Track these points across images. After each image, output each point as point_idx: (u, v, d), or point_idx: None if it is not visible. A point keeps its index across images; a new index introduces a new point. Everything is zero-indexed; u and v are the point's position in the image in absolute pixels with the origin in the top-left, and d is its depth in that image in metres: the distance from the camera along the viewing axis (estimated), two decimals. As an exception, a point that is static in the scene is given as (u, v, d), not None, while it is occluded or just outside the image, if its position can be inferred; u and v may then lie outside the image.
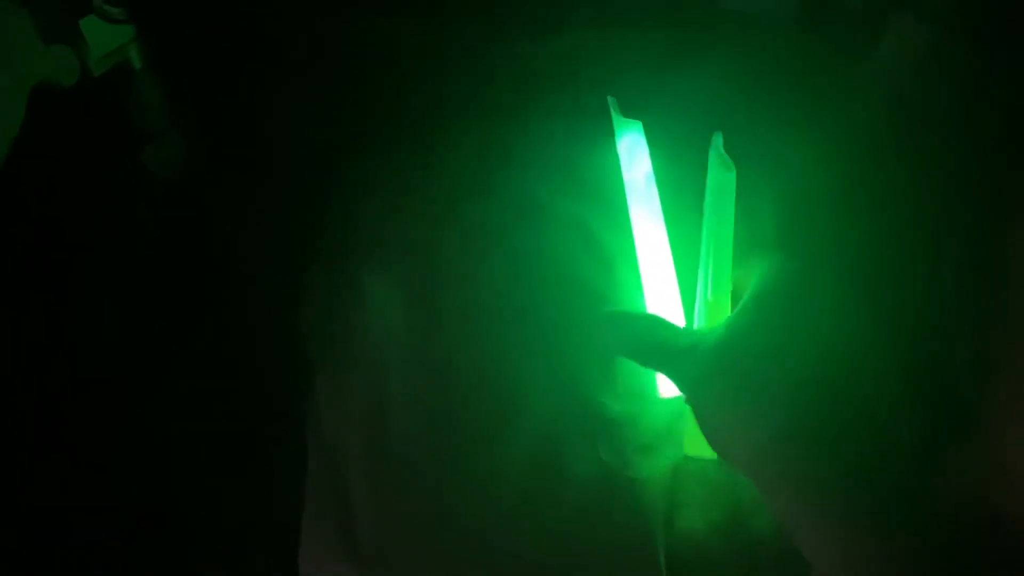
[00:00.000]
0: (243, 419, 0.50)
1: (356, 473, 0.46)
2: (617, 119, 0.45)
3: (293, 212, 0.51)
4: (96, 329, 0.49)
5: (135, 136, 0.46)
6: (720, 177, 0.39)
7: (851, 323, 0.38)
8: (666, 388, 0.43)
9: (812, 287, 0.38)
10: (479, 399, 0.44)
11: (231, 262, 0.52)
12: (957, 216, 0.52)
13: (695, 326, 0.42)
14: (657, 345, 0.39)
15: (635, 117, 0.45)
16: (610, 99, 0.45)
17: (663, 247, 0.43)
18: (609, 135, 0.45)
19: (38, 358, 0.49)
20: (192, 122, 0.48)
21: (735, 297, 0.42)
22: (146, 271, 0.49)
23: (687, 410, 0.42)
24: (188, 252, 0.50)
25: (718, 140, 0.40)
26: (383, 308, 0.48)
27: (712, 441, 0.36)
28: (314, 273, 0.50)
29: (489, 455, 0.44)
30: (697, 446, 0.42)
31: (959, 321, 0.52)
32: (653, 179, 0.44)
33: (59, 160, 0.44)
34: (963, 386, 0.52)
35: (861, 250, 0.52)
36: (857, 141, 0.55)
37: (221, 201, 0.50)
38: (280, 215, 0.52)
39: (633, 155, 0.44)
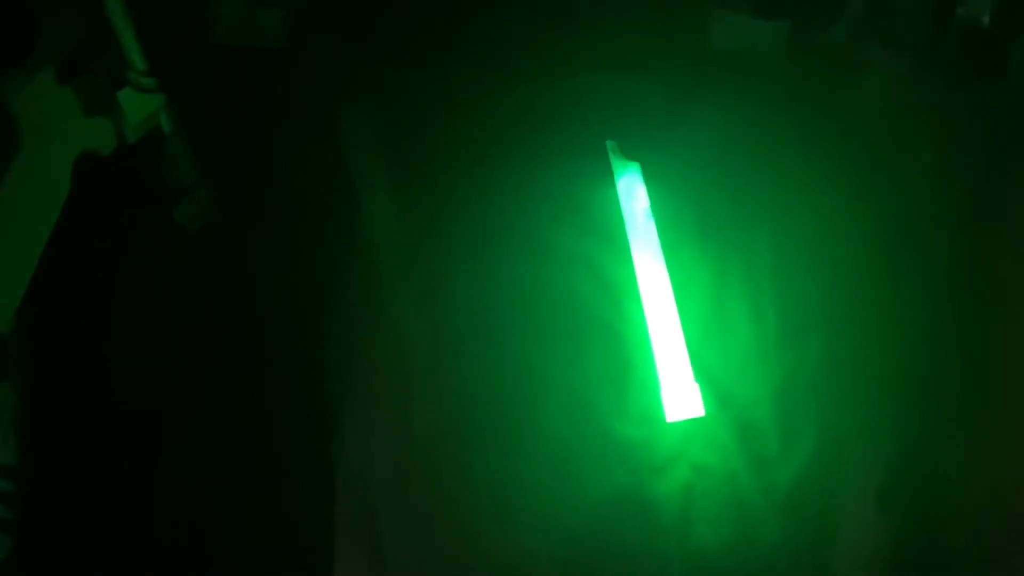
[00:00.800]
0: (272, 456, 0.53)
1: (384, 506, 0.48)
2: (616, 161, 0.48)
3: (315, 256, 0.54)
4: (135, 368, 0.52)
5: (167, 193, 0.49)
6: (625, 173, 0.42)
7: None
8: (673, 412, 0.46)
9: None
10: (499, 429, 0.47)
11: (258, 304, 0.55)
12: (943, 229, 0.54)
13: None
14: None
15: (634, 157, 0.48)
16: (609, 143, 0.48)
17: (662, 276, 0.46)
18: (610, 175, 0.48)
19: (84, 395, 0.52)
20: (217, 178, 0.51)
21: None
22: (180, 314, 0.52)
23: (693, 432, 0.45)
24: (218, 296, 0.53)
25: (612, 145, 0.43)
26: (405, 345, 0.51)
27: None
28: (337, 313, 0.53)
29: (506, 478, 0.46)
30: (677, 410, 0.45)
31: (950, 327, 0.55)
32: (651, 215, 0.47)
33: (102, 221, 0.47)
34: (956, 394, 0.54)
35: (854, 282, 0.55)
36: (845, 176, 0.57)
37: (247, 248, 0.53)
38: (303, 259, 0.55)
39: (632, 194, 0.47)
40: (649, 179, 0.47)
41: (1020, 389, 0.51)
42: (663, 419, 0.46)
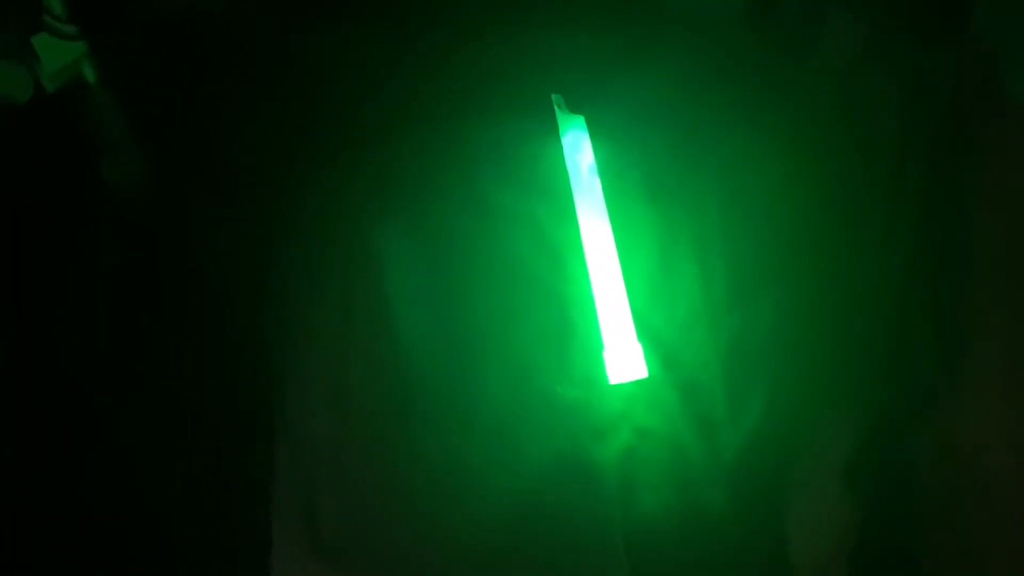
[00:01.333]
0: (211, 422, 0.51)
1: (319, 467, 0.47)
2: (561, 115, 0.46)
3: (253, 219, 0.53)
4: (59, 342, 0.50)
5: (93, 150, 0.47)
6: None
7: None
8: (616, 374, 0.44)
9: None
10: (437, 391, 0.46)
11: (193, 271, 0.54)
12: (904, 204, 0.53)
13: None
14: None
15: (580, 112, 0.47)
16: (554, 97, 0.47)
17: (607, 235, 0.44)
18: (555, 130, 0.46)
19: (5, 371, 0.50)
20: (149, 135, 0.49)
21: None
22: (108, 283, 0.50)
23: (636, 395, 0.43)
24: (149, 263, 0.51)
25: (558, 99, 0.44)
26: (341, 307, 0.49)
27: None
28: (274, 277, 0.51)
29: (447, 445, 0.45)
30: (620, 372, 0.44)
31: (915, 303, 0.53)
32: (596, 171, 0.46)
33: (15, 176, 0.45)
34: (925, 367, 0.53)
35: (810, 245, 0.54)
36: (802, 136, 0.56)
37: (180, 212, 0.52)
38: (238, 227, 0.53)
39: (577, 149, 0.46)
40: (595, 134, 0.46)
41: (990, 358, 0.50)
42: (606, 381, 0.45)
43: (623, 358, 0.44)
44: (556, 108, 0.46)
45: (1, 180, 0.44)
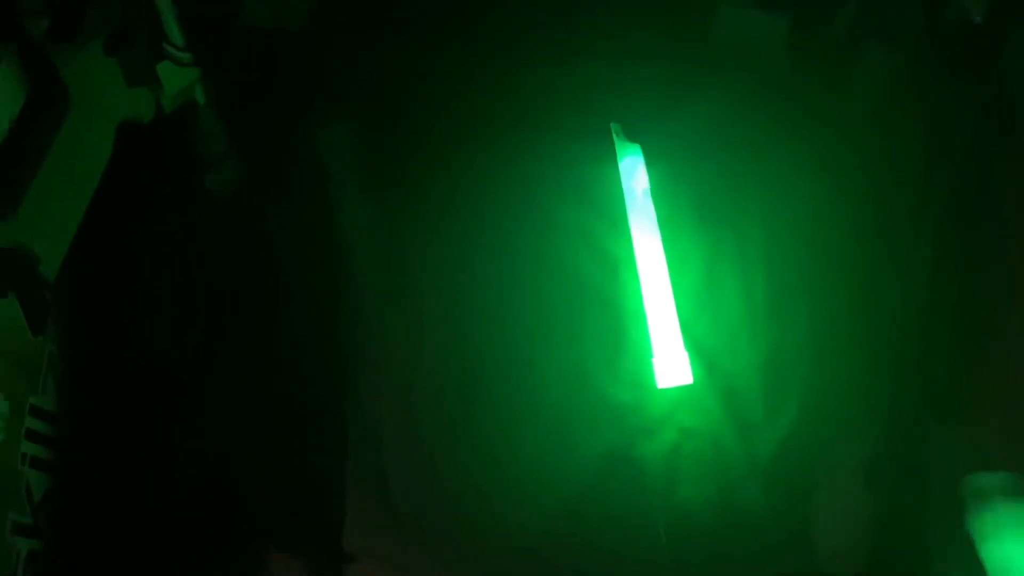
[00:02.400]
0: (287, 421, 0.56)
1: (391, 446, 0.52)
2: (619, 143, 0.51)
3: (333, 226, 0.58)
4: (167, 325, 0.55)
5: (200, 161, 0.52)
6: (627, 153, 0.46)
7: None
8: (663, 379, 0.49)
9: None
10: (498, 390, 0.51)
11: (277, 269, 0.59)
12: (929, 223, 0.57)
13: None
14: None
15: (636, 140, 0.51)
16: (613, 125, 0.51)
17: (658, 251, 0.49)
18: (613, 157, 0.51)
19: (117, 346, 0.55)
20: (246, 150, 0.55)
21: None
22: (208, 277, 0.56)
23: (681, 398, 0.48)
24: (244, 259, 0.57)
25: (616, 128, 0.48)
26: (413, 305, 0.54)
27: None
28: (351, 281, 0.56)
29: (507, 434, 0.50)
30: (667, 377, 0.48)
31: (937, 314, 0.57)
32: (650, 194, 0.50)
33: (140, 184, 0.51)
34: (947, 373, 0.56)
35: (842, 260, 0.58)
36: (837, 159, 0.60)
37: (270, 216, 0.57)
38: (321, 228, 0.58)
39: (632, 174, 0.50)
40: (650, 161, 0.50)
41: (1007, 370, 0.53)
42: (654, 385, 0.49)
43: (670, 365, 0.49)
44: (615, 136, 0.51)
45: (125, 187, 0.49)
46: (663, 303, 0.50)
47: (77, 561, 0.51)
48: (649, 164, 0.50)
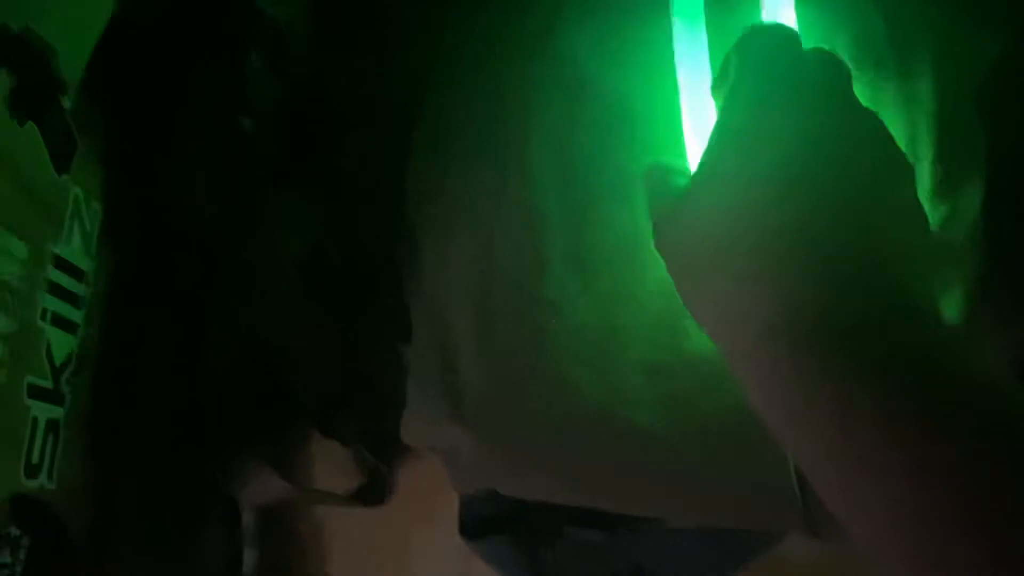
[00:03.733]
0: (344, 285, 0.50)
1: (462, 335, 0.44)
2: None
3: (404, 68, 0.49)
4: (202, 180, 0.48)
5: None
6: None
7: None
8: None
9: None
10: (598, 262, 0.42)
11: (340, 120, 0.51)
12: None
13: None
14: (654, 190, 0.38)
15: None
16: None
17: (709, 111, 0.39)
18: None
19: (147, 208, 0.49)
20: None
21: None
22: (255, 127, 0.48)
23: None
24: (298, 105, 0.49)
25: None
26: (493, 172, 0.45)
27: (680, 284, 0.35)
28: (423, 132, 0.48)
29: (606, 324, 0.42)
30: None
31: None
32: (705, 44, 0.40)
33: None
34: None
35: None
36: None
37: (333, 55, 0.48)
38: (390, 69, 0.50)
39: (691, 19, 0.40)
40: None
41: None
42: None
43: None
44: None
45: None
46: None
47: (103, 440, 0.46)
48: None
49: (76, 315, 0.47)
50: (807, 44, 0.40)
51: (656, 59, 0.42)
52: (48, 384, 0.44)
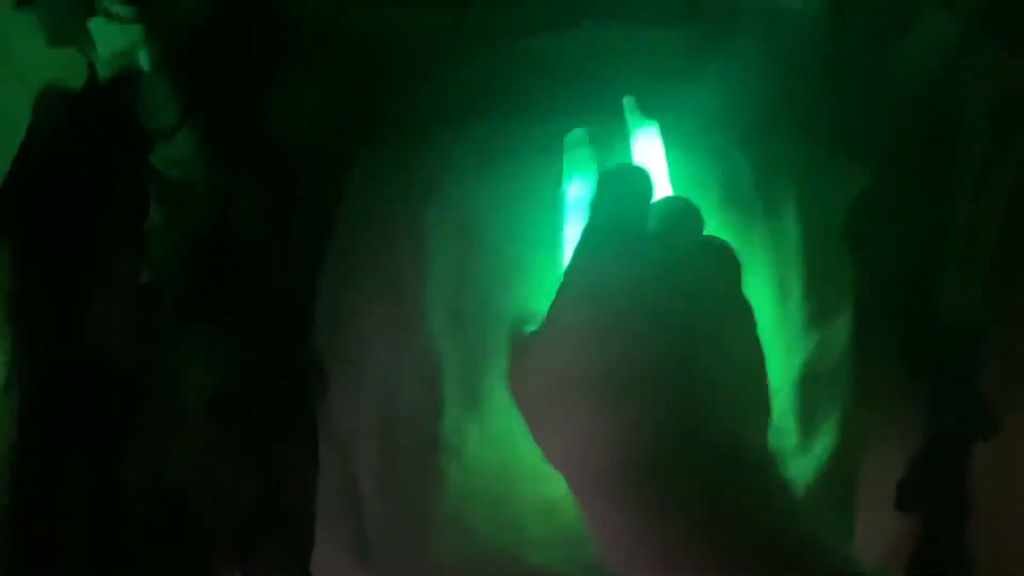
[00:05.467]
0: (256, 422, 0.50)
1: (368, 477, 0.45)
2: (633, 120, 0.44)
3: (307, 209, 0.51)
4: (109, 328, 0.49)
5: (145, 137, 0.45)
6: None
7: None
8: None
9: None
10: (502, 402, 0.43)
11: (245, 261, 0.52)
12: (984, 214, 0.51)
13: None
14: (513, 337, 0.40)
15: (653, 117, 0.44)
16: (627, 99, 0.44)
17: None
18: (626, 135, 0.44)
19: (55, 356, 0.49)
20: (202, 122, 0.47)
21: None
22: (160, 270, 0.49)
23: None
24: (202, 251, 0.50)
25: (630, 102, 0.42)
26: (400, 304, 0.46)
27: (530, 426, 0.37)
28: (327, 267, 0.49)
29: (511, 467, 0.43)
30: None
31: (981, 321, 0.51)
32: (669, 180, 0.43)
33: (68, 163, 0.44)
34: (987, 387, 0.51)
35: (885, 259, 0.51)
36: (891, 137, 0.53)
37: (233, 199, 0.50)
38: (293, 212, 0.51)
39: (649, 156, 0.43)
40: (668, 140, 0.43)
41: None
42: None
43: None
44: (628, 112, 0.43)
45: (50, 166, 0.42)
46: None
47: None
48: (667, 145, 0.43)
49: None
50: (677, 188, 0.43)
51: (544, 209, 0.44)
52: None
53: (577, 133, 0.43)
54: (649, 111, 0.44)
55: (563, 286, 0.37)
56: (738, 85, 0.49)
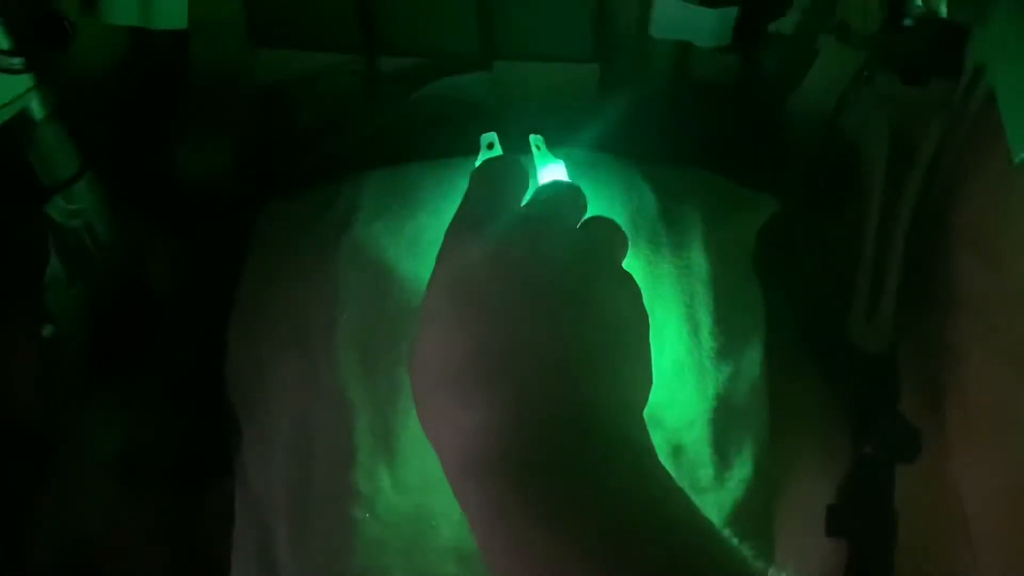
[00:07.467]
0: (166, 482, 0.49)
1: (282, 531, 0.43)
2: (540, 159, 0.44)
3: (218, 259, 0.50)
4: (9, 386, 0.47)
5: (40, 188, 0.44)
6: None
7: None
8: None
9: None
10: (416, 452, 0.42)
11: (153, 311, 0.51)
12: (892, 238, 0.51)
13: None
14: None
15: (560, 155, 0.44)
16: (533, 138, 0.44)
17: None
18: (532, 175, 0.43)
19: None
20: (104, 172, 0.46)
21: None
22: (62, 324, 0.47)
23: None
24: (106, 303, 0.48)
25: (537, 140, 0.42)
26: (306, 352, 0.45)
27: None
28: (234, 331, 0.48)
29: (427, 517, 0.42)
30: None
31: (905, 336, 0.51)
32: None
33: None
34: (909, 411, 0.51)
35: (796, 288, 0.52)
36: (796, 168, 0.54)
37: (137, 251, 0.49)
38: (204, 263, 0.50)
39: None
40: (576, 179, 0.43)
41: (972, 399, 0.48)
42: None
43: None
44: (535, 151, 0.43)
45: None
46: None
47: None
48: (574, 179, 0.43)
49: None
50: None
51: None
52: None
53: (491, 136, 0.43)
54: (556, 146, 0.44)
55: (432, 273, 0.37)
56: (644, 119, 0.50)
